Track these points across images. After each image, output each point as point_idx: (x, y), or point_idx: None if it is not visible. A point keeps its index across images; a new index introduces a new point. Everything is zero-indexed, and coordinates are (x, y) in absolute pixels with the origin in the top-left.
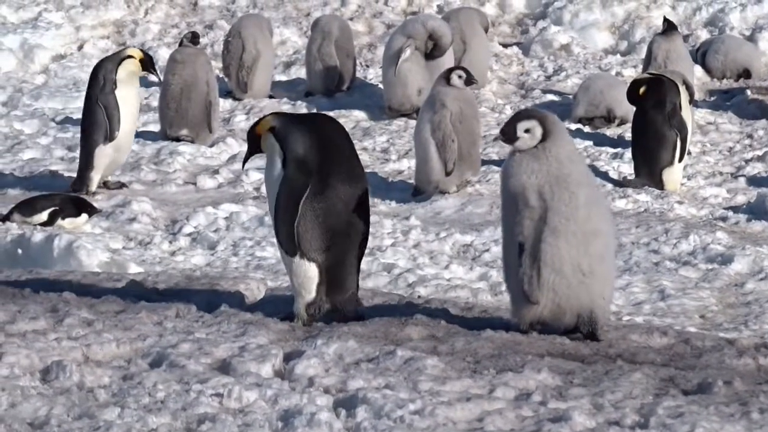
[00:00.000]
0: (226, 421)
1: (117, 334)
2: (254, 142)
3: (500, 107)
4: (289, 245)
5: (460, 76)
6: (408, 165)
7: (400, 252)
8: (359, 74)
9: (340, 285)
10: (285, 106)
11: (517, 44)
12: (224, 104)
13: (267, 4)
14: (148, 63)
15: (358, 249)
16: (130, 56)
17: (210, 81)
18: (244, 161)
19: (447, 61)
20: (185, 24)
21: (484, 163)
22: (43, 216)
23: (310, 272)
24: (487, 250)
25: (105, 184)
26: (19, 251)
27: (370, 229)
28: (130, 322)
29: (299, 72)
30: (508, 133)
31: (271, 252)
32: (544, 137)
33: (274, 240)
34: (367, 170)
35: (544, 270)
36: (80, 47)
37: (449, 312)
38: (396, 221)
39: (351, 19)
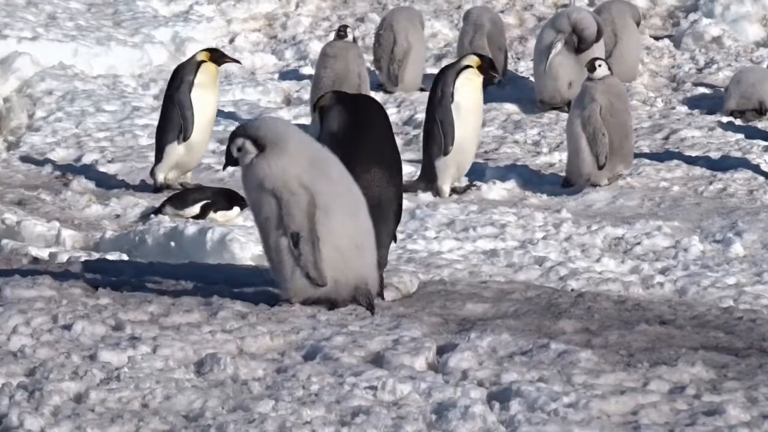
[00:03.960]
0: (380, 414)
1: (271, 327)
2: (318, 113)
3: (651, 100)
4: None
5: (599, 65)
6: (559, 158)
7: (552, 245)
8: (510, 67)
9: None
10: None
11: (669, 37)
12: (375, 97)
13: None
14: (219, 58)
15: (387, 225)
16: (203, 61)
17: (361, 74)
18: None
19: (598, 53)
20: (336, 17)
21: (636, 156)
22: (196, 209)
23: None
24: (639, 243)
25: (181, 186)
26: (172, 244)
27: (520, 221)
28: (283, 315)
29: None
30: (228, 159)
31: (423, 245)
32: (261, 148)
33: (425, 233)
34: (518, 163)
35: (324, 249)
36: (231, 40)
37: (602, 305)
38: (547, 214)
39: (502, 11)
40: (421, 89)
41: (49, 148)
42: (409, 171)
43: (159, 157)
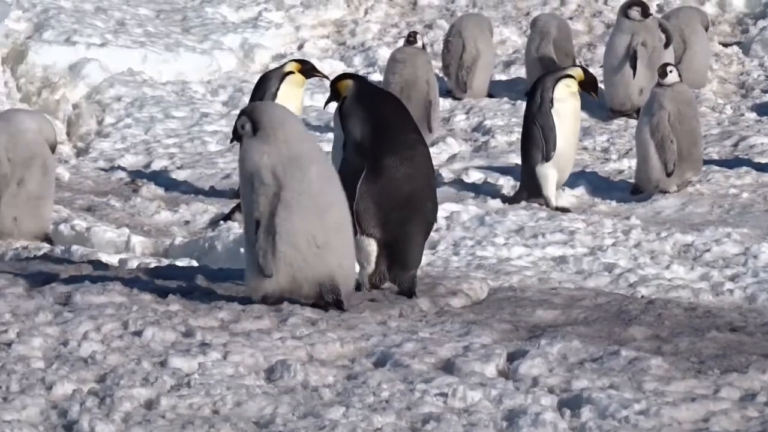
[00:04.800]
0: (450, 421)
1: (341, 334)
2: (332, 93)
3: (720, 107)
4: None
5: (671, 71)
6: (628, 164)
7: (621, 251)
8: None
9: (400, 259)
10: (505, 106)
11: (737, 43)
12: (444, 104)
13: (486, 4)
14: (309, 70)
15: (421, 222)
16: (290, 72)
17: (430, 80)
18: (325, 104)
19: (668, 60)
20: (405, 23)
21: (705, 162)
22: None
23: (369, 247)
24: (708, 250)
25: None
26: (241, 250)
27: (589, 228)
28: (353, 321)
29: (519, 71)
30: (233, 135)
31: (492, 251)
32: (255, 131)
33: (495, 239)
34: (587, 170)
35: (279, 243)
36: (300, 47)
37: (672, 312)
38: (616, 221)
39: (570, 18)
40: (490, 96)
41: (118, 155)
42: (479, 177)
43: None
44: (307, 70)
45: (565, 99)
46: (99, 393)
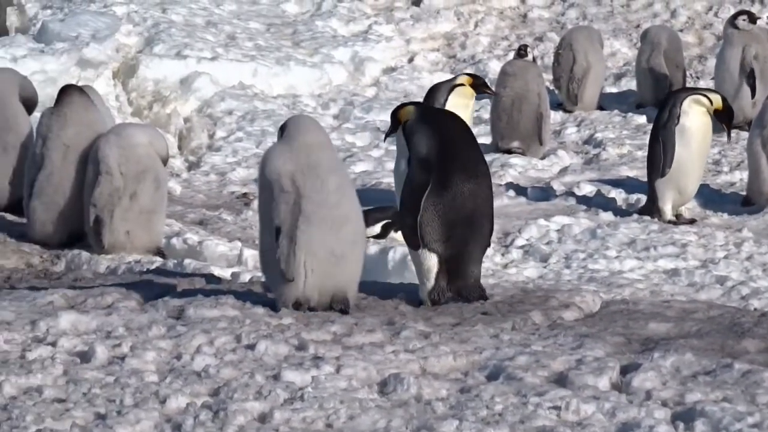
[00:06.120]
0: None
1: (453, 347)
2: (395, 124)
3: None
4: (413, 239)
5: None
6: (740, 177)
7: (733, 264)
8: (689, 85)
9: (461, 273)
10: (616, 118)
11: None
12: (555, 116)
13: (597, 16)
14: (479, 86)
15: (480, 239)
16: (460, 84)
17: (541, 93)
18: (385, 137)
19: None
20: (515, 36)
21: None
22: (376, 228)
23: (430, 262)
24: None
25: None
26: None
27: (701, 240)
28: (466, 334)
29: (630, 84)
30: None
31: (604, 264)
32: (281, 136)
33: (606, 252)
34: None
35: (299, 252)
36: (410, 60)
37: None
38: (728, 233)
39: (681, 30)
40: (600, 108)
41: (229, 168)
42: (590, 190)
43: None
44: (479, 85)
45: (694, 117)
46: (212, 406)
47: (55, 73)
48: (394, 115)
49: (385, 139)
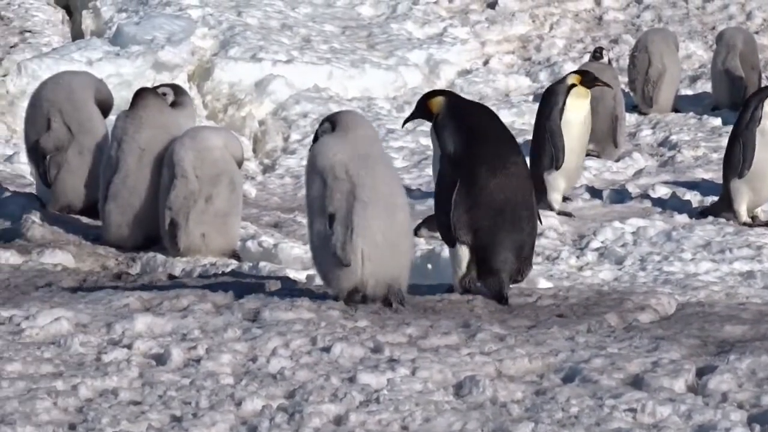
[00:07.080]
0: None
1: (529, 349)
2: (420, 111)
3: None
4: (447, 236)
5: None
6: None
7: None
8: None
9: (489, 265)
10: (691, 121)
11: None
12: (630, 118)
13: (672, 18)
14: (590, 81)
15: (513, 231)
16: (573, 85)
17: (617, 95)
18: (405, 121)
19: None
20: (590, 38)
21: None
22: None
23: (462, 252)
24: None
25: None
26: (429, 266)
27: None
28: (541, 337)
29: (705, 86)
30: (314, 140)
31: (679, 267)
32: (333, 129)
33: (681, 254)
34: None
35: (356, 238)
36: (486, 62)
37: None
38: None
39: (756, 32)
40: (675, 110)
41: (304, 171)
42: (665, 192)
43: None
44: (589, 81)
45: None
46: (288, 409)
47: (131, 77)
48: (423, 102)
49: (404, 125)
